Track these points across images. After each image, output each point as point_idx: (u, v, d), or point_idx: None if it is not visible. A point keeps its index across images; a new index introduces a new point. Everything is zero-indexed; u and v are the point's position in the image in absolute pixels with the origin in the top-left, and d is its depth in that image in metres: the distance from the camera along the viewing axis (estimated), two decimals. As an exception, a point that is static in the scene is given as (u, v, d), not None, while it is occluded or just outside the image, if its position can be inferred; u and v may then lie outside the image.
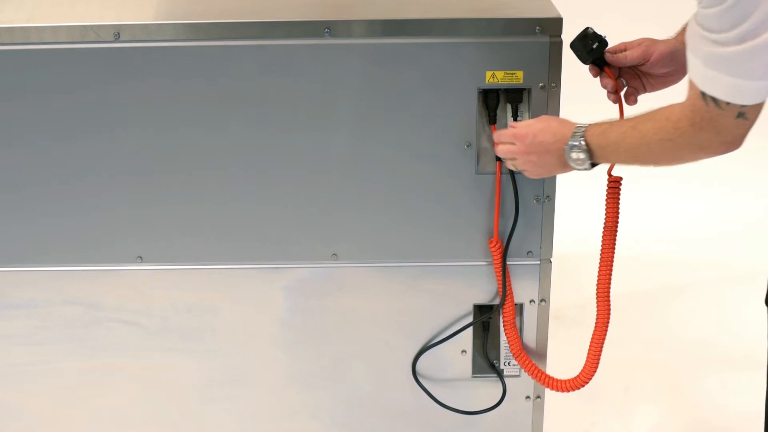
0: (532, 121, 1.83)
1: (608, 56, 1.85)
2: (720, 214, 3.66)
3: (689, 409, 2.59)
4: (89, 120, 1.90)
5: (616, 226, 1.93)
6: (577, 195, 3.54)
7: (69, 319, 2.06)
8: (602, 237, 1.94)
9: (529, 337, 2.08)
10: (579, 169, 1.76)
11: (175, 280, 2.04)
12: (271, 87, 1.89)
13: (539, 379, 2.05)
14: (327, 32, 1.85)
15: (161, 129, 1.91)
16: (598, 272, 1.96)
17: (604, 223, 1.94)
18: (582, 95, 3.08)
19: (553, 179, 1.95)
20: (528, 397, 2.13)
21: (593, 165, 1.75)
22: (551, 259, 2.03)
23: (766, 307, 1.73)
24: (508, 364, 2.10)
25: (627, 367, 2.73)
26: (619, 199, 1.93)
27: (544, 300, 2.05)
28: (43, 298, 2.05)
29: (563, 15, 1.85)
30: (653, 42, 1.84)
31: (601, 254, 1.95)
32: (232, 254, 2.01)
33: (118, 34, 1.85)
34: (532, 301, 2.05)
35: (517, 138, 1.82)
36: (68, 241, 2.00)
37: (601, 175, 1.92)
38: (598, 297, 1.97)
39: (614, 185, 1.92)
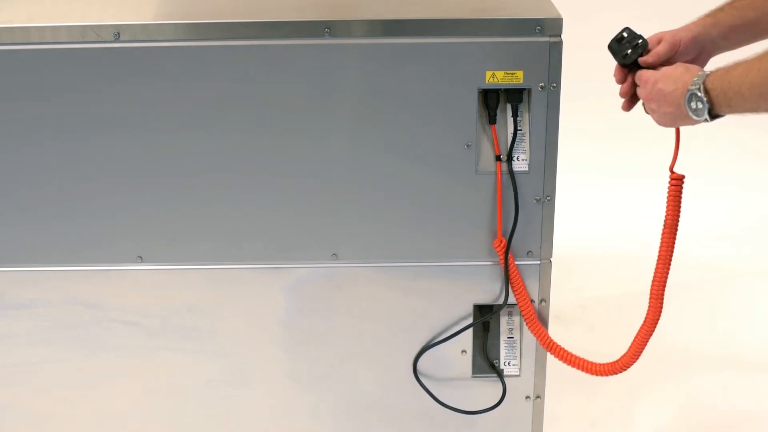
0: (663, 67, 1.75)
1: (642, 61, 1.79)
2: (722, 215, 3.66)
3: (690, 409, 2.59)
4: (89, 120, 1.91)
5: (677, 225, 1.88)
6: (577, 195, 3.55)
7: (69, 319, 2.07)
8: (662, 235, 1.89)
9: (530, 336, 2.08)
10: (698, 121, 1.64)
11: (175, 280, 2.04)
12: (271, 87, 1.89)
13: (580, 366, 2.01)
14: (327, 32, 1.85)
15: (161, 129, 1.91)
16: (655, 269, 1.92)
17: (664, 222, 1.89)
18: (582, 95, 3.09)
19: (553, 179, 1.95)
20: (528, 397, 2.13)
21: (714, 116, 1.62)
22: (551, 259, 2.03)
23: None
24: (508, 364, 2.10)
25: (627, 367, 2.73)
26: (680, 197, 1.86)
27: (544, 300, 2.05)
28: (43, 298, 2.05)
29: (563, 15, 1.85)
30: (675, 32, 1.81)
31: (659, 252, 1.90)
32: (232, 254, 2.01)
33: (118, 34, 1.85)
34: (532, 301, 2.05)
35: (641, 82, 1.77)
36: (68, 241, 2.00)
37: (601, 174, 1.92)
38: (651, 294, 1.94)
39: (676, 183, 1.86)
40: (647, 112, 1.81)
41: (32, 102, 1.89)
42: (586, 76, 2.95)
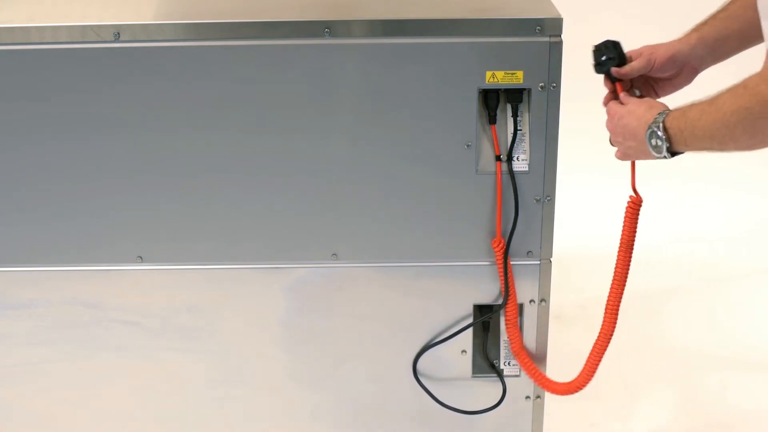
0: (632, 101, 1.77)
1: (614, 71, 1.81)
2: (721, 216, 3.66)
3: (689, 409, 2.59)
4: (89, 120, 1.91)
5: (632, 244, 1.91)
6: (577, 195, 3.55)
7: (69, 319, 2.06)
8: (618, 253, 1.93)
9: (529, 337, 2.08)
10: (658, 157, 1.68)
11: (175, 280, 2.04)
12: (271, 87, 1.89)
13: (537, 380, 2.06)
14: (327, 32, 1.85)
15: (161, 129, 1.91)
16: (611, 287, 1.95)
17: (620, 240, 1.92)
18: (582, 95, 3.08)
19: (553, 179, 1.95)
20: (528, 397, 2.13)
21: (673, 154, 1.66)
22: (551, 259, 2.03)
23: None
24: (508, 364, 2.10)
25: (627, 367, 2.73)
26: (637, 219, 1.90)
27: (544, 300, 2.05)
28: (43, 298, 2.05)
29: (563, 15, 1.85)
30: (654, 48, 1.83)
31: (615, 270, 1.93)
32: (232, 254, 2.01)
33: (118, 34, 1.85)
34: (532, 301, 2.05)
35: (608, 115, 1.81)
36: (68, 241, 2.00)
37: (600, 174, 1.92)
38: (606, 309, 1.96)
39: (633, 206, 1.89)
40: (612, 144, 1.83)
41: (32, 102, 1.89)
42: (586, 76, 2.94)
